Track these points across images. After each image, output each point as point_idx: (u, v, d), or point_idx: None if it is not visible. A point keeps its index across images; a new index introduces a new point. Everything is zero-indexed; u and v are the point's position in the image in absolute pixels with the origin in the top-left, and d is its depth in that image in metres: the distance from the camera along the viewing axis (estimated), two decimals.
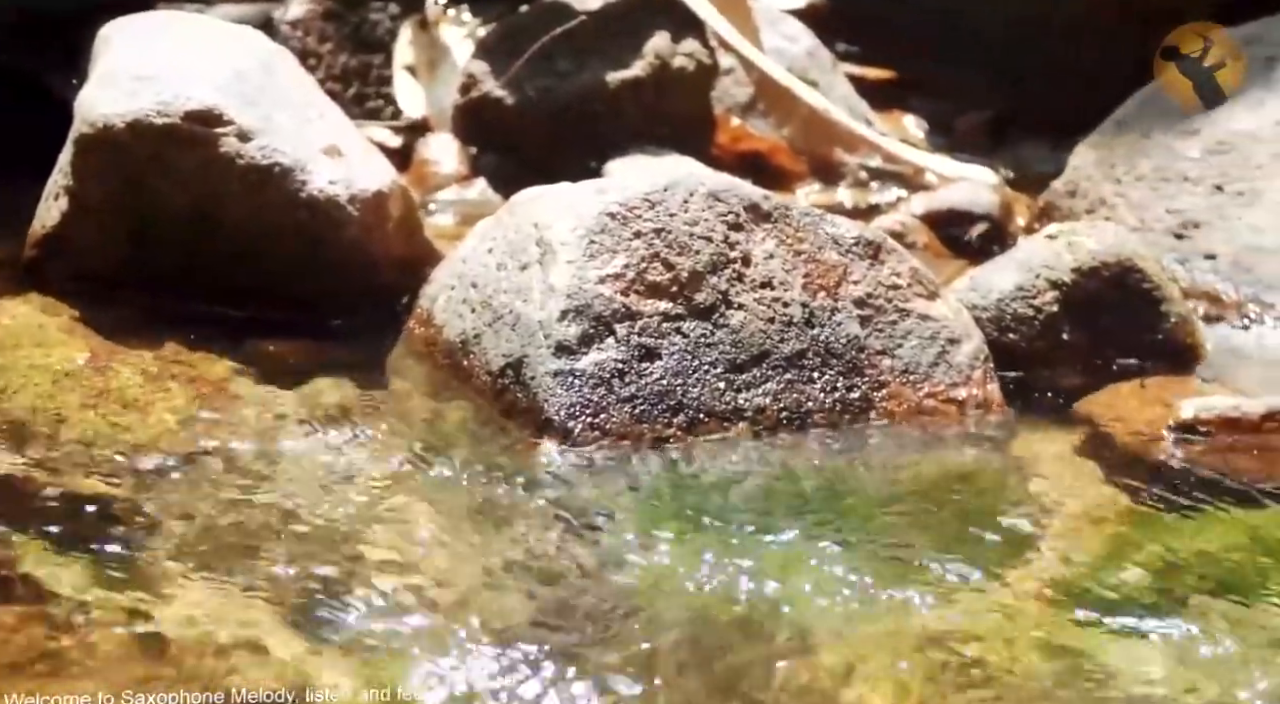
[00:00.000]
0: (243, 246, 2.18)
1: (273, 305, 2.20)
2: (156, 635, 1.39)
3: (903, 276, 2.07)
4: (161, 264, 2.19)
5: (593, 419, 1.84)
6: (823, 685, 1.37)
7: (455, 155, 3.13)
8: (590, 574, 1.56)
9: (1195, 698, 1.37)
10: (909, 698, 1.35)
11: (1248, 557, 1.66)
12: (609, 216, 1.94)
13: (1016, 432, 2.04)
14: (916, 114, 3.70)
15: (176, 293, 2.20)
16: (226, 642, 1.38)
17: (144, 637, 1.38)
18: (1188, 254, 2.69)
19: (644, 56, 3.06)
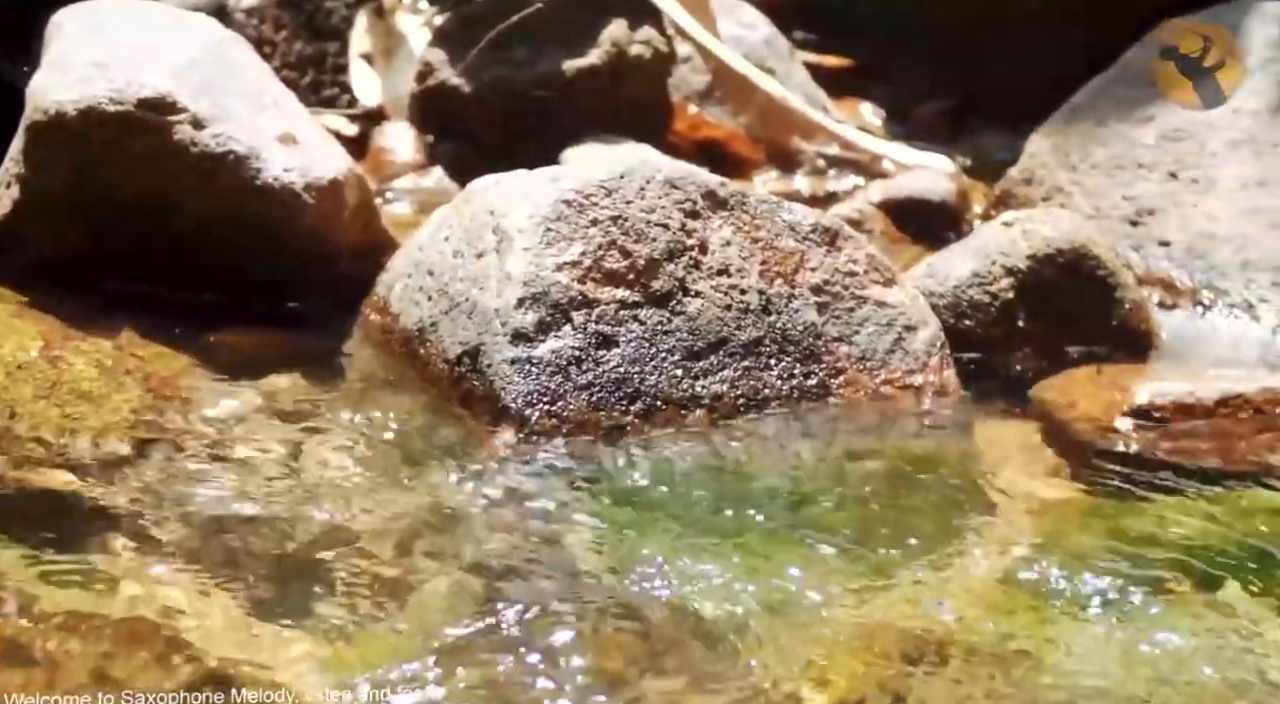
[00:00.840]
0: (198, 235, 2.16)
1: (229, 294, 2.18)
2: (109, 623, 1.38)
3: (859, 263, 2.07)
4: (115, 253, 2.17)
5: (550, 407, 1.84)
6: (776, 670, 1.37)
7: (412, 144, 3.12)
8: (546, 562, 1.55)
9: (1147, 683, 1.38)
10: (863, 682, 1.36)
11: (1201, 541, 1.67)
12: (565, 204, 1.93)
13: (973, 418, 2.05)
14: (874, 102, 3.70)
15: (131, 283, 2.18)
16: (178, 627, 1.38)
17: (97, 625, 1.37)
18: (1142, 241, 2.71)
19: (601, 44, 3.05)
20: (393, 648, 1.37)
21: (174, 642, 1.36)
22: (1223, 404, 2.03)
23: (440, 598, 1.45)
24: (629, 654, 1.37)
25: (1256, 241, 2.61)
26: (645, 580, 1.51)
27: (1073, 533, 1.70)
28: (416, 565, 1.53)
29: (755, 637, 1.42)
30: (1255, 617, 1.50)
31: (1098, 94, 2.91)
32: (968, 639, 1.43)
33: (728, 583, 1.51)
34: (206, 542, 1.55)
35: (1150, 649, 1.44)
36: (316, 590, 1.46)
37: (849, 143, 3.30)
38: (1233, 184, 2.69)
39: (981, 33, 3.62)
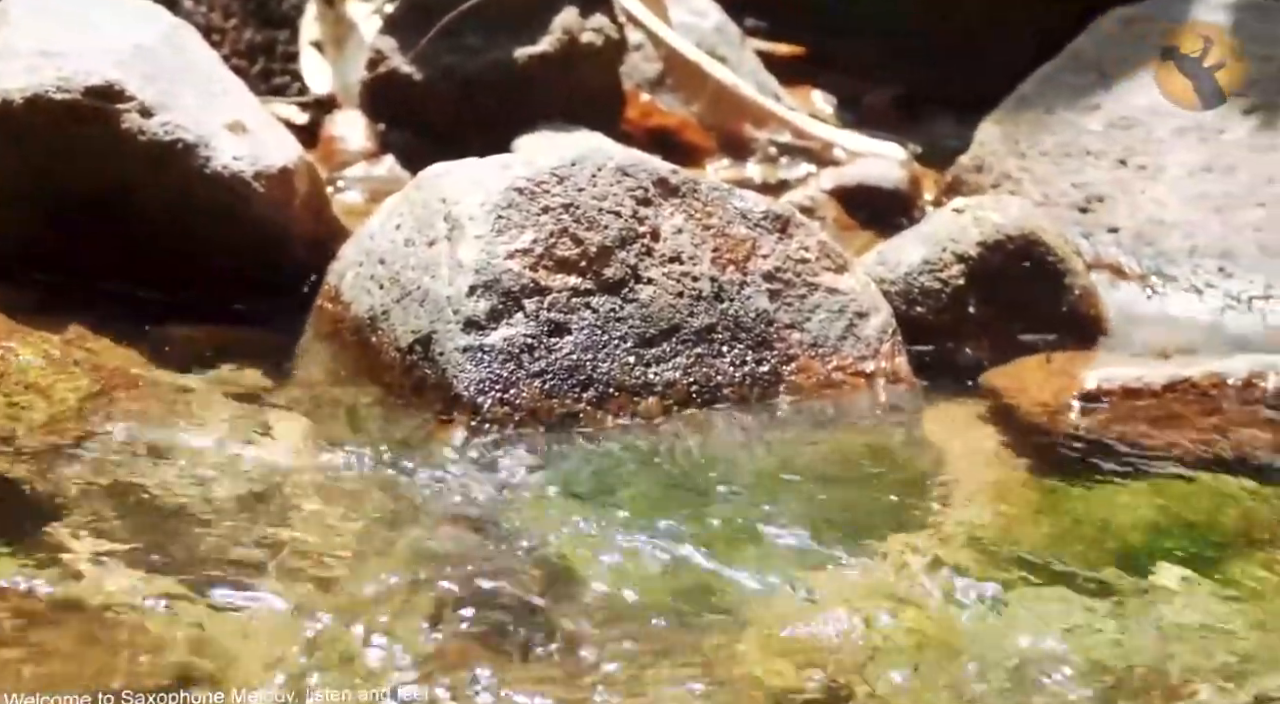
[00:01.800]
0: (147, 225, 2.15)
1: (179, 284, 2.17)
2: (53, 612, 1.37)
3: (811, 250, 2.08)
4: (63, 243, 2.16)
5: (502, 395, 1.84)
6: (724, 659, 1.37)
7: (363, 132, 3.11)
8: (495, 549, 1.55)
9: (1090, 668, 1.39)
10: (811, 669, 1.36)
11: (1149, 526, 1.69)
12: (517, 192, 1.93)
13: (924, 404, 2.06)
14: (825, 90, 3.72)
15: (79, 273, 2.17)
16: (124, 618, 1.37)
17: (39, 615, 1.36)
18: (1091, 228, 2.73)
19: (552, 32, 3.05)
20: (339, 636, 1.36)
21: (119, 630, 1.35)
22: (1170, 388, 2.04)
23: (389, 585, 1.45)
24: (575, 642, 1.38)
25: (1203, 227, 2.64)
26: (595, 568, 1.51)
27: (1023, 518, 1.71)
28: (366, 553, 1.52)
29: (702, 625, 1.42)
30: (1193, 599, 1.51)
31: (1046, 82, 2.94)
32: (917, 626, 1.44)
33: (678, 570, 1.51)
34: (154, 531, 1.54)
35: (1095, 632, 1.45)
36: (264, 579, 1.46)
37: (801, 130, 3.31)
38: (1180, 171, 2.71)
39: (932, 21, 3.64)
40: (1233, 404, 2.04)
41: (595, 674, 1.33)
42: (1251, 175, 2.66)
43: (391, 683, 1.30)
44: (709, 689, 1.32)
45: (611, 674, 1.34)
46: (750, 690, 1.33)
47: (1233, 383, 2.05)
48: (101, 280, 2.17)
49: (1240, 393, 2.05)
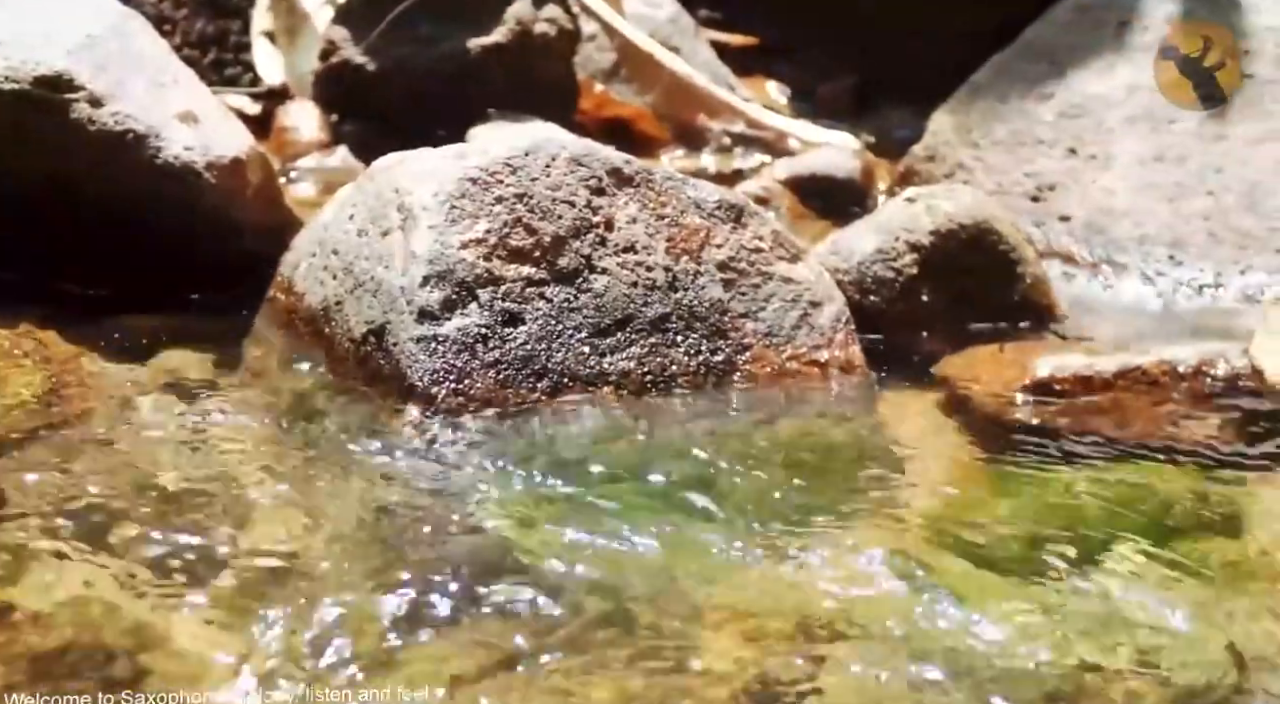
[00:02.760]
0: (98, 215, 2.14)
1: (131, 275, 2.16)
2: (9, 605, 1.36)
3: (765, 240, 2.08)
4: (13, 235, 2.14)
5: (456, 385, 1.84)
6: (678, 644, 1.37)
7: (316, 122, 3.10)
8: (449, 540, 1.55)
9: (1034, 654, 1.39)
10: (762, 657, 1.37)
11: (1100, 513, 1.70)
12: (470, 182, 1.93)
13: (878, 393, 2.06)
14: (779, 80, 3.72)
15: (30, 264, 2.15)
16: (80, 608, 1.36)
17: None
18: (1043, 216, 2.74)
19: (505, 23, 3.05)
20: (291, 627, 1.36)
21: (65, 629, 1.34)
22: (1121, 376, 2.06)
23: (341, 575, 1.45)
24: (525, 630, 1.37)
25: (1153, 215, 2.65)
26: (546, 557, 1.51)
27: (974, 506, 1.72)
28: (318, 544, 1.52)
29: (654, 612, 1.42)
30: (1141, 585, 1.52)
31: (999, 71, 2.95)
32: (867, 613, 1.45)
33: (629, 559, 1.51)
34: (107, 521, 1.53)
35: (1043, 621, 1.45)
36: (215, 570, 1.45)
37: (755, 121, 3.32)
38: (1130, 160, 2.73)
39: (885, 11, 3.65)
40: (1183, 392, 2.05)
41: (544, 658, 1.33)
42: (1201, 164, 2.68)
43: (343, 669, 1.30)
44: (655, 672, 1.32)
45: (559, 660, 1.33)
46: (697, 674, 1.33)
47: (1183, 371, 2.07)
48: (51, 271, 2.15)
49: (1190, 381, 2.06)
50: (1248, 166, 2.65)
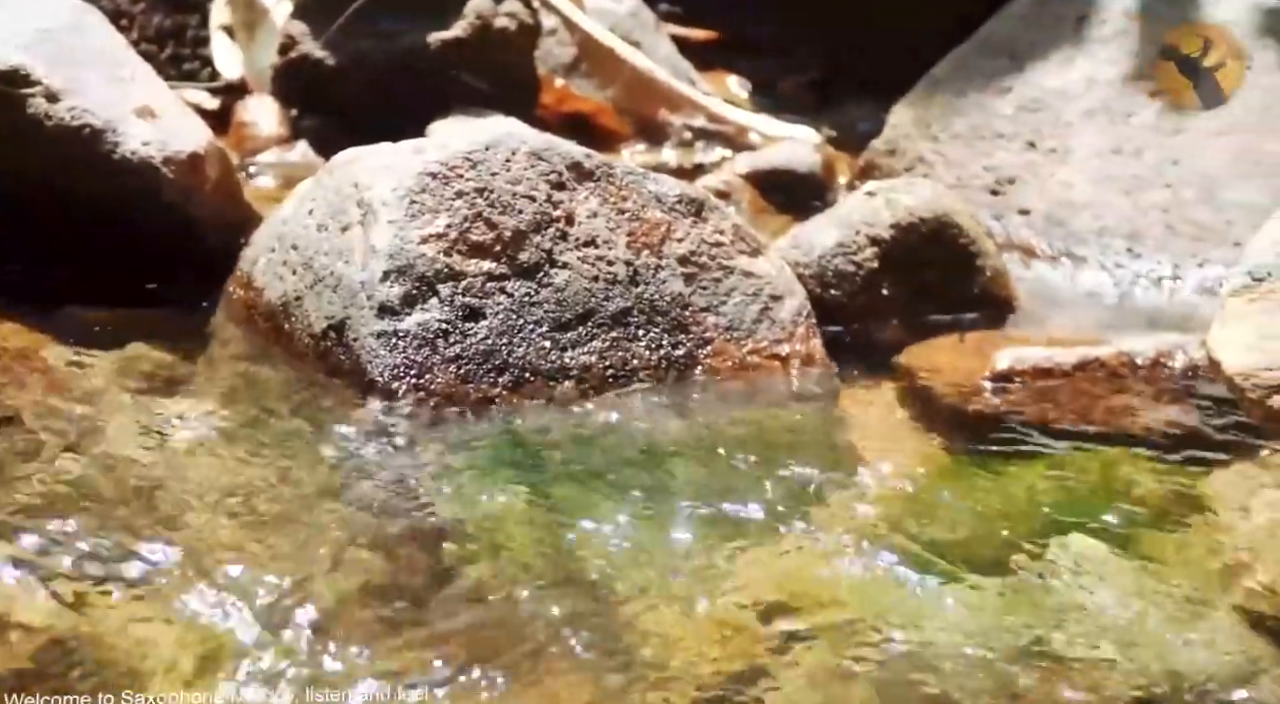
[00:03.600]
0: (56, 211, 2.12)
1: (90, 270, 2.14)
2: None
3: (725, 234, 2.08)
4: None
5: (417, 380, 1.83)
6: (635, 641, 1.37)
7: (275, 117, 3.09)
8: (412, 535, 1.55)
9: (992, 648, 1.40)
10: (724, 651, 1.37)
11: (1059, 504, 1.71)
12: (430, 176, 1.92)
13: (839, 386, 2.07)
14: (740, 74, 3.73)
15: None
16: (27, 603, 1.35)
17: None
18: (1003, 209, 2.75)
19: (465, 16, 3.04)
20: (244, 624, 1.35)
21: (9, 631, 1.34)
22: (1080, 368, 2.07)
23: (297, 571, 1.44)
24: (487, 625, 1.37)
25: (1111, 208, 2.67)
26: (508, 551, 1.51)
27: (934, 498, 1.72)
28: (276, 539, 1.51)
29: (615, 607, 1.43)
30: (1098, 576, 1.53)
31: (958, 65, 2.96)
32: (830, 606, 1.45)
33: (591, 553, 1.52)
34: (64, 513, 1.52)
35: (1003, 612, 1.46)
36: (173, 565, 1.44)
37: (716, 115, 3.32)
38: (1088, 153, 2.74)
39: (846, 6, 3.66)
40: (1141, 383, 2.06)
41: (503, 654, 1.33)
42: (1158, 157, 2.70)
43: (296, 666, 1.30)
44: (615, 664, 1.32)
45: (517, 656, 1.33)
46: (657, 667, 1.33)
47: (1141, 362, 2.08)
48: (9, 265, 2.14)
49: (1148, 372, 2.08)
50: (1205, 160, 2.67)
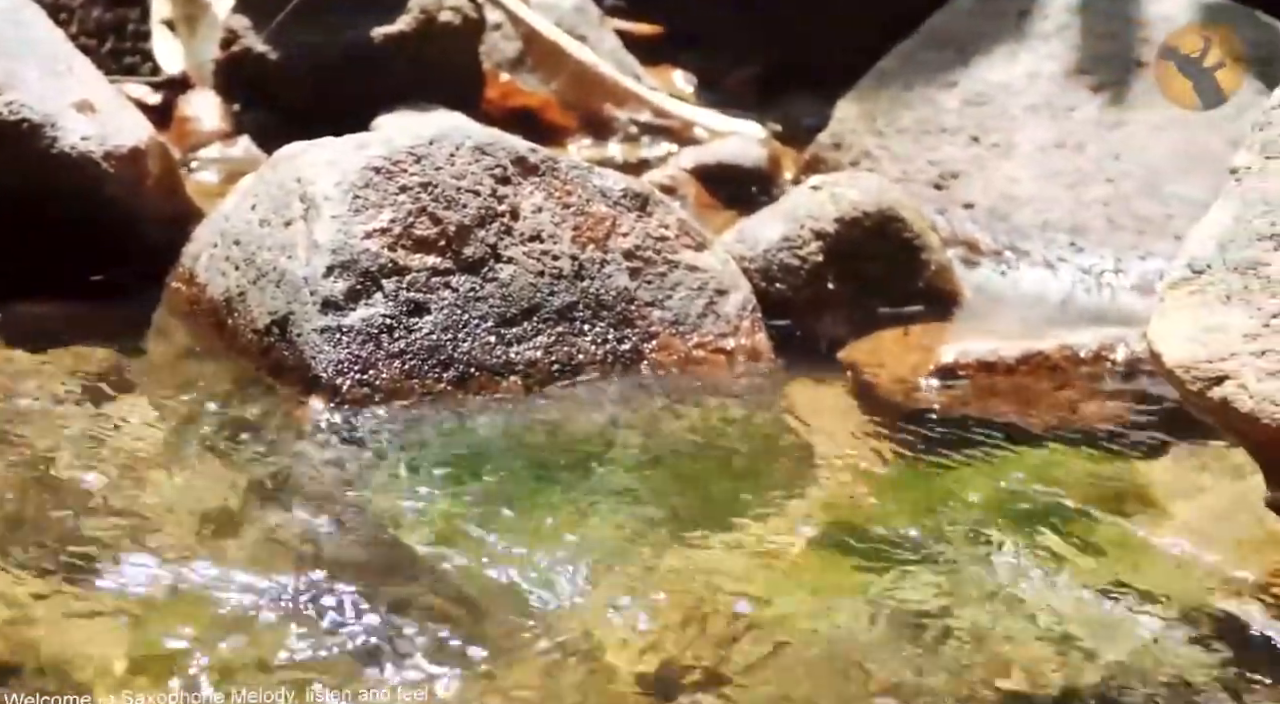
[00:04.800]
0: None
1: (31, 267, 2.12)
2: None
3: (670, 228, 2.08)
4: None
5: (361, 375, 1.82)
6: (582, 636, 1.37)
7: (217, 112, 3.06)
8: (353, 529, 1.54)
9: (936, 640, 1.40)
10: (671, 648, 1.37)
11: (1002, 498, 1.71)
12: (373, 171, 1.91)
13: (784, 381, 2.07)
14: (685, 69, 3.72)
15: None
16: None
17: None
18: (947, 203, 2.76)
19: (410, 11, 3.02)
20: (189, 620, 1.34)
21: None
22: (1023, 361, 2.08)
23: (238, 570, 1.43)
24: (431, 621, 1.37)
25: (1055, 203, 2.68)
26: (452, 546, 1.50)
27: (879, 492, 1.73)
28: (220, 536, 1.50)
29: (561, 603, 1.42)
30: (1042, 568, 1.54)
31: (904, 59, 2.96)
32: (770, 598, 1.45)
33: (535, 549, 1.51)
34: (4, 513, 1.51)
35: (948, 606, 1.47)
36: (115, 564, 1.43)
37: (661, 110, 3.32)
38: (1031, 147, 2.76)
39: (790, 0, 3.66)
40: (1084, 376, 2.08)
41: (442, 655, 1.33)
42: (1100, 152, 2.72)
43: (236, 669, 1.29)
44: (557, 665, 1.32)
45: (461, 655, 1.33)
46: (600, 665, 1.33)
47: (1084, 355, 2.10)
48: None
49: (1091, 365, 2.09)
50: (1146, 154, 2.69)
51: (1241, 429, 1.42)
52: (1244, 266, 1.42)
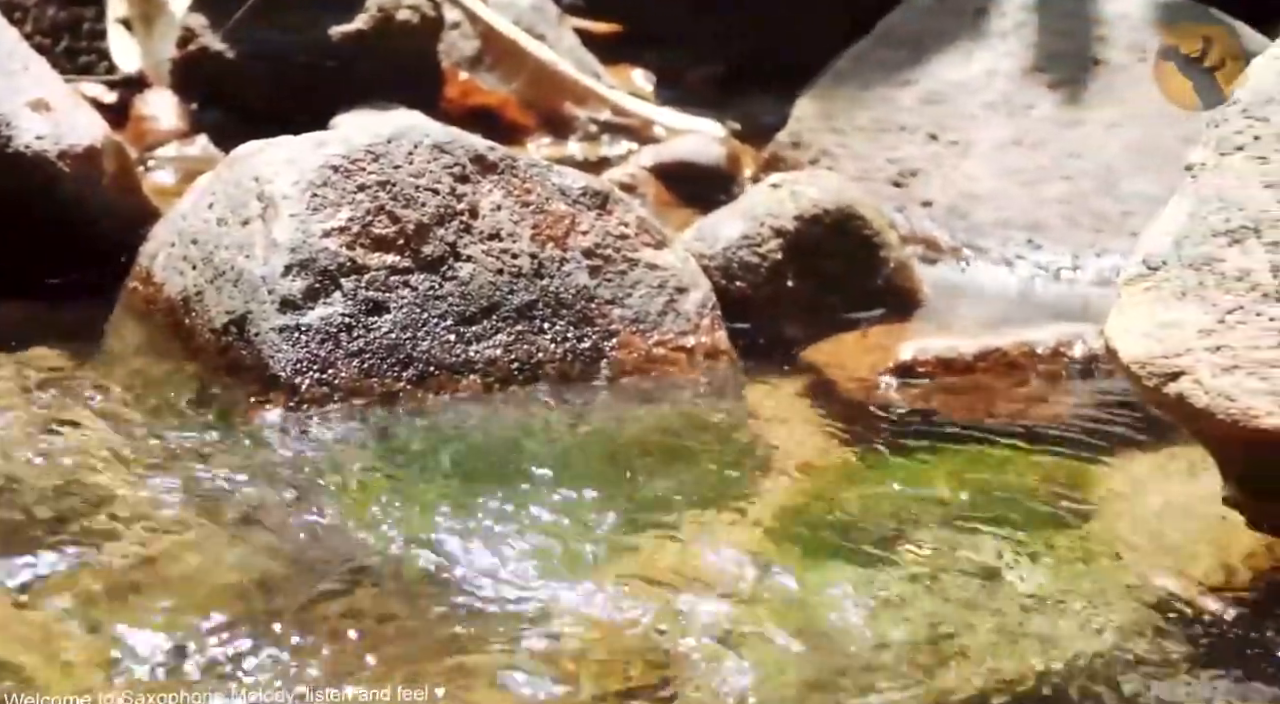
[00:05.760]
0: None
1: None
2: None
3: (630, 226, 2.08)
4: None
5: (320, 375, 1.82)
6: (536, 633, 1.37)
7: (174, 111, 3.05)
8: (310, 528, 1.53)
9: (884, 634, 1.41)
10: (621, 646, 1.37)
11: (960, 496, 1.72)
12: (332, 170, 1.91)
13: (744, 378, 2.07)
14: (644, 67, 3.72)
15: None
16: None
17: None
18: (906, 201, 2.77)
19: (367, 9, 3.02)
20: (139, 619, 1.33)
21: None
22: (981, 358, 2.09)
23: (194, 571, 1.42)
24: (384, 618, 1.36)
25: (1013, 200, 2.70)
26: (409, 546, 1.50)
27: (838, 492, 1.73)
28: (173, 539, 1.49)
29: (516, 600, 1.42)
30: (999, 567, 1.54)
31: (861, 58, 2.97)
32: (725, 598, 1.45)
33: (493, 547, 1.51)
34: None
35: (901, 603, 1.47)
36: (67, 563, 1.42)
37: (621, 108, 3.32)
38: (989, 145, 2.77)
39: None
40: (1041, 373, 2.09)
41: (393, 655, 1.32)
42: (1057, 150, 2.73)
43: (189, 672, 1.28)
44: (505, 674, 1.31)
45: (408, 659, 1.32)
46: (549, 667, 1.32)
47: (1041, 352, 2.10)
48: None
49: (1049, 362, 2.10)
50: (1103, 151, 2.70)
51: (1197, 424, 1.43)
52: (1199, 263, 1.43)
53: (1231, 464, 1.48)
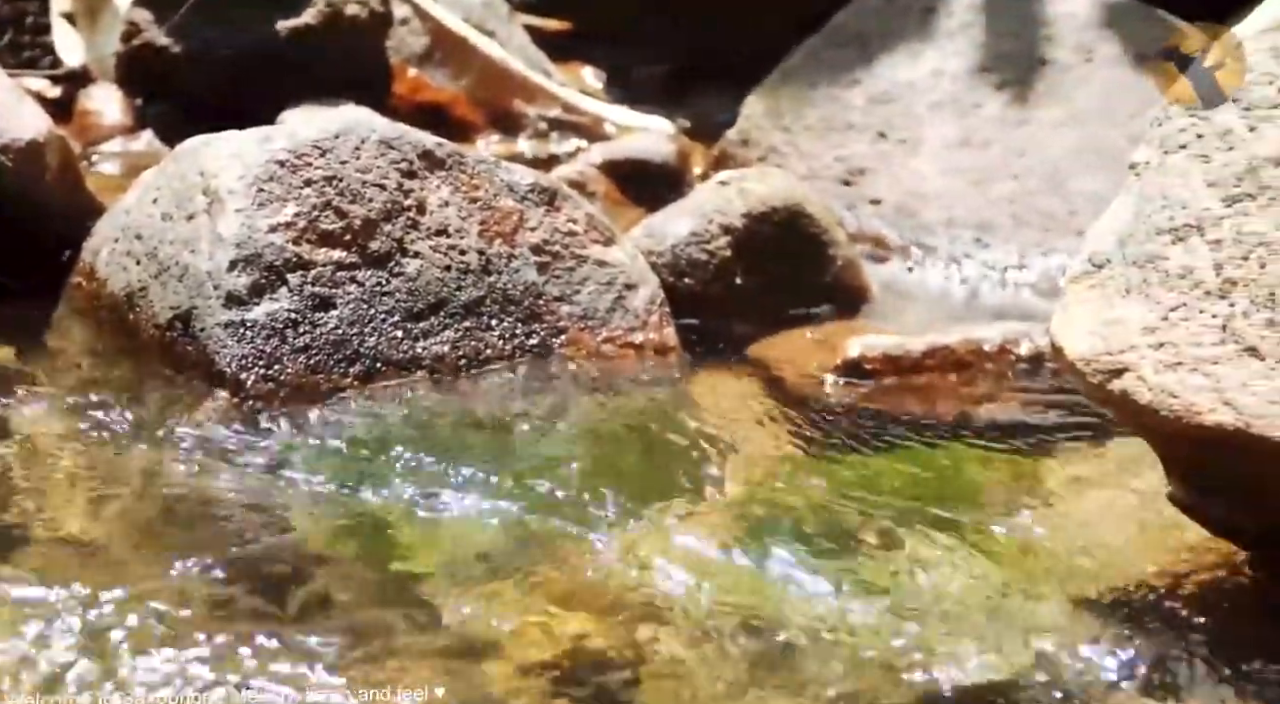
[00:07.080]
0: None
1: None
2: None
3: (579, 223, 2.08)
4: None
5: (266, 371, 1.80)
6: (485, 627, 1.37)
7: (119, 106, 3.03)
8: (256, 527, 1.53)
9: (841, 636, 1.41)
10: (575, 639, 1.36)
11: (906, 493, 1.72)
12: (278, 164, 1.89)
13: (692, 375, 2.07)
14: (595, 65, 3.72)
15: None
16: None
17: None
18: (854, 200, 2.78)
19: (315, 4, 3.00)
20: (78, 623, 1.32)
21: None
22: (929, 356, 2.10)
23: (138, 567, 1.41)
24: (334, 611, 1.36)
25: (960, 199, 2.71)
26: (354, 539, 1.49)
27: (783, 488, 1.73)
28: (117, 537, 1.48)
29: (463, 593, 1.42)
30: (943, 564, 1.55)
31: (810, 56, 2.98)
32: (673, 594, 1.45)
33: (439, 541, 1.51)
34: None
35: (843, 601, 1.47)
36: (11, 573, 1.40)
37: (570, 106, 3.32)
38: (937, 144, 2.78)
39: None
40: (988, 371, 2.10)
41: (345, 647, 1.31)
42: (1005, 149, 2.75)
43: (143, 658, 1.27)
44: (457, 665, 1.31)
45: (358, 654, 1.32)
46: (502, 662, 1.32)
47: (988, 350, 2.12)
48: None
49: (995, 360, 2.11)
50: (1049, 150, 2.72)
51: (1141, 421, 1.44)
52: (1143, 260, 1.43)
53: (1175, 461, 1.49)
